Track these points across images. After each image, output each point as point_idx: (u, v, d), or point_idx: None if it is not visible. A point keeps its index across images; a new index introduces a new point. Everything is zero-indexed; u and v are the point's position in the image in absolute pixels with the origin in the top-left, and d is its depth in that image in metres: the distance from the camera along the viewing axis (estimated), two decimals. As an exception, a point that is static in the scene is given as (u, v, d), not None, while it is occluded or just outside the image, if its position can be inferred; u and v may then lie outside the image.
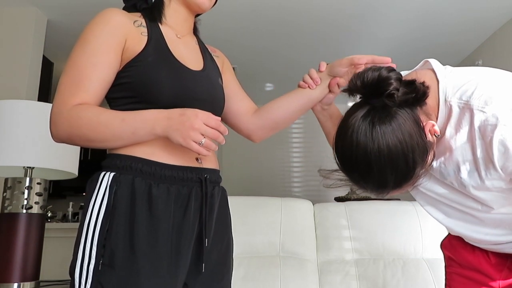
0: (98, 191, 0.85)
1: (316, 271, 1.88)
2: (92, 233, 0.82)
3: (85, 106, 0.84)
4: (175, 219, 0.87)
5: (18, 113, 1.70)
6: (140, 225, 0.83)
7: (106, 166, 0.89)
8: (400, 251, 1.90)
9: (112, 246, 0.81)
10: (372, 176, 0.77)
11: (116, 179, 0.85)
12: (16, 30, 2.94)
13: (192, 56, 1.01)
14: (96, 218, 0.83)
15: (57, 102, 0.86)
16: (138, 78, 0.89)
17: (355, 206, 2.06)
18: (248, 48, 3.75)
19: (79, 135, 0.84)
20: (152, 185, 0.86)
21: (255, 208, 1.99)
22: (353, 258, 1.90)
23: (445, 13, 3.05)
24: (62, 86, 0.86)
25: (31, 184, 1.74)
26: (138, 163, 0.87)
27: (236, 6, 2.98)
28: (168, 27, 0.99)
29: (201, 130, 0.81)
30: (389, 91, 0.76)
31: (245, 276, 1.79)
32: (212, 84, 1.02)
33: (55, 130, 0.86)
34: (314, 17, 3.20)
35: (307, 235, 1.96)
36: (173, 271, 0.85)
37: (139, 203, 0.84)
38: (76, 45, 0.89)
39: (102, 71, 0.87)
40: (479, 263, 1.00)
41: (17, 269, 1.66)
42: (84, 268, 0.81)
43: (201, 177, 0.92)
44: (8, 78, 2.85)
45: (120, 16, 0.91)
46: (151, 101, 0.88)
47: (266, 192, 5.12)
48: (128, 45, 0.90)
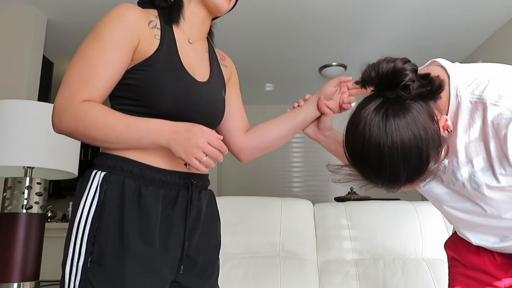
0: (89, 189, 0.86)
1: (316, 271, 1.88)
2: (82, 230, 0.83)
3: (93, 105, 0.85)
4: (163, 219, 0.88)
5: (18, 113, 1.70)
6: (130, 223, 0.84)
7: (98, 164, 0.90)
8: (400, 251, 1.90)
9: (101, 244, 0.82)
10: (384, 171, 0.74)
11: (107, 179, 0.86)
12: (16, 30, 2.94)
13: (200, 65, 1.01)
14: (86, 216, 0.84)
15: (63, 94, 0.85)
16: (143, 83, 0.89)
17: (355, 206, 2.06)
18: (248, 48, 3.75)
19: (83, 133, 0.84)
20: (141, 186, 0.87)
21: (255, 208, 1.99)
22: (353, 258, 1.90)
23: (445, 13, 3.05)
24: (71, 79, 0.86)
25: (31, 184, 1.74)
26: (129, 164, 0.88)
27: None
28: (182, 30, 0.98)
29: (204, 148, 0.83)
30: (405, 82, 0.74)
31: (245, 276, 1.79)
32: (215, 97, 1.02)
33: (58, 123, 0.85)
34: (314, 18, 3.20)
35: (307, 235, 1.96)
36: (161, 269, 0.87)
37: (129, 202, 0.85)
38: (88, 38, 0.88)
39: (113, 70, 0.87)
40: (484, 264, 1.00)
41: (17, 269, 1.66)
42: (74, 264, 0.82)
43: (188, 182, 0.94)
44: (8, 78, 2.85)
45: (137, 14, 0.90)
46: (152, 107, 0.89)
47: (266, 192, 5.12)
48: (140, 46, 0.89)
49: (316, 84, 4.65)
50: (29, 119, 1.70)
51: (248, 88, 4.84)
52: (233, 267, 1.83)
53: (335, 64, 4.11)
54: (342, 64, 4.13)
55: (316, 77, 4.45)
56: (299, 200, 2.07)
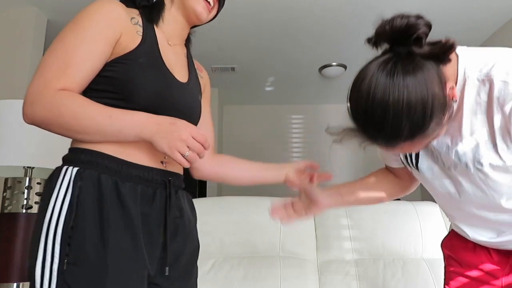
0: (60, 186, 0.81)
1: (316, 271, 1.88)
2: (54, 230, 0.78)
3: (70, 93, 0.81)
4: (143, 218, 0.85)
5: (18, 113, 1.70)
6: (111, 222, 0.80)
7: (68, 160, 0.86)
8: (400, 251, 1.90)
9: (79, 244, 0.77)
10: (386, 123, 0.72)
11: (80, 174, 0.82)
12: (16, 30, 2.94)
13: (180, 67, 1.01)
14: (58, 215, 0.79)
15: (38, 81, 0.81)
16: (124, 76, 0.86)
17: (355, 206, 2.05)
18: (248, 48, 3.75)
19: (59, 123, 0.81)
20: (118, 183, 0.83)
21: (255, 208, 1.99)
22: (353, 258, 1.90)
23: (445, 13, 3.05)
24: (48, 66, 0.82)
25: (31, 184, 1.74)
26: (105, 159, 0.84)
27: (236, 6, 2.98)
28: (162, 32, 0.98)
29: (188, 142, 0.81)
30: (417, 35, 0.75)
31: (245, 276, 1.79)
32: (194, 98, 1.02)
33: (31, 111, 0.81)
34: (314, 18, 3.20)
35: (307, 235, 1.96)
36: (143, 270, 0.84)
37: (108, 199, 0.81)
38: (68, 26, 0.85)
39: (92, 61, 0.84)
40: (481, 262, 1.00)
41: (17, 269, 1.66)
42: (46, 268, 0.77)
43: (165, 180, 0.91)
44: (8, 78, 2.85)
45: (120, 9, 0.89)
46: (131, 100, 0.86)
47: (266, 192, 5.12)
48: (122, 40, 0.88)
49: (316, 84, 4.65)
50: (29, 119, 1.70)
51: (248, 88, 4.84)
52: (233, 267, 1.83)
53: (335, 64, 4.11)
54: (342, 64, 4.13)
55: (316, 77, 4.45)
56: (299, 200, 2.07)
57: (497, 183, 0.83)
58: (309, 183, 1.15)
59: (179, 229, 0.93)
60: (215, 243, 1.90)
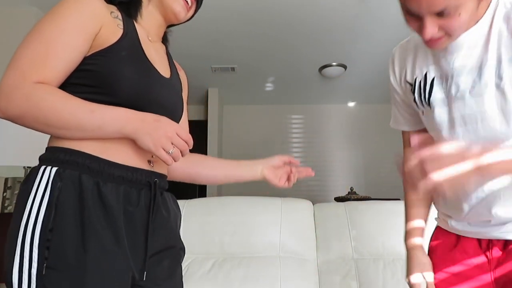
0: (37, 187, 0.77)
1: (316, 271, 1.88)
2: (31, 233, 0.74)
3: (49, 87, 0.78)
4: (126, 219, 0.82)
5: (18, 113, 1.70)
6: (93, 224, 0.76)
7: (46, 159, 0.83)
8: (400, 251, 1.90)
9: (59, 247, 0.74)
10: None
11: (60, 174, 0.78)
12: (16, 30, 2.94)
13: (161, 63, 1.00)
14: (35, 216, 0.75)
15: (13, 74, 0.77)
16: (106, 69, 0.83)
17: (355, 206, 2.06)
18: (248, 49, 3.75)
19: (37, 116, 0.77)
20: (100, 183, 0.80)
21: (255, 208, 1.99)
22: (353, 258, 1.90)
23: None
24: (24, 57, 0.78)
25: (31, 184, 1.74)
26: (86, 159, 0.81)
27: (236, 7, 2.98)
28: (142, 27, 0.97)
29: (173, 139, 0.80)
30: None
31: (245, 276, 1.79)
32: (177, 94, 1.01)
33: (6, 105, 0.76)
34: (315, 18, 3.20)
35: (307, 235, 1.96)
36: (127, 272, 0.81)
37: (89, 201, 0.77)
38: (45, 17, 0.82)
39: (71, 52, 0.81)
40: (465, 256, 1.00)
41: (17, 269, 1.66)
42: (24, 272, 0.73)
43: (150, 181, 0.88)
44: (8, 78, 2.85)
45: (99, 2, 0.87)
46: (113, 95, 0.83)
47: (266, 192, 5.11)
48: (102, 33, 0.85)
49: (316, 84, 4.65)
50: (29, 119, 1.70)
51: (248, 88, 4.84)
52: (233, 267, 1.83)
53: (335, 64, 4.11)
54: (342, 64, 4.13)
55: (316, 77, 4.45)
56: (299, 200, 2.07)
57: (494, 118, 0.85)
58: (287, 181, 1.18)
59: (164, 229, 0.91)
60: (215, 243, 1.90)
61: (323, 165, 5.29)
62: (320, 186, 5.23)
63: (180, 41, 3.11)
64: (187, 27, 1.29)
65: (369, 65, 4.15)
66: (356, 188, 4.73)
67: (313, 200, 2.14)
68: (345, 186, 5.00)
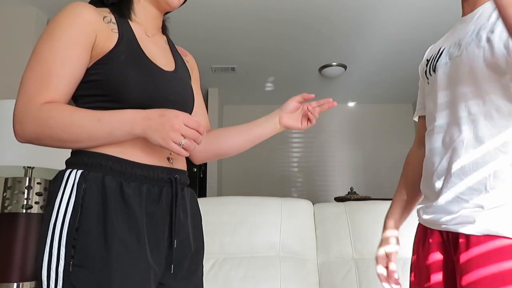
0: (64, 189, 0.81)
1: (316, 271, 1.88)
2: (60, 232, 0.78)
3: (55, 105, 0.81)
4: (148, 218, 0.85)
5: (18, 113, 1.70)
6: (115, 223, 0.80)
7: (72, 163, 0.86)
8: (400, 251, 1.90)
9: (84, 246, 0.78)
10: None
11: (85, 177, 0.81)
12: (16, 30, 2.94)
13: (163, 56, 1.00)
14: (63, 217, 0.79)
15: (22, 99, 0.82)
16: (109, 77, 0.86)
17: (355, 206, 2.06)
18: (248, 48, 3.75)
19: (50, 135, 0.80)
20: (123, 183, 0.83)
21: (255, 208, 1.99)
22: (353, 258, 1.90)
23: (445, 13, 3.06)
24: (28, 82, 0.82)
25: (31, 184, 1.74)
26: (108, 160, 0.84)
27: (236, 6, 2.98)
28: (138, 24, 0.97)
29: (181, 131, 0.79)
30: None
31: (245, 276, 1.79)
32: (184, 85, 1.01)
33: (21, 130, 0.82)
34: (314, 18, 3.20)
35: (307, 235, 1.96)
36: (149, 270, 0.83)
37: (112, 201, 0.81)
38: (41, 38, 0.85)
39: (71, 67, 0.83)
40: (431, 251, 0.99)
41: (17, 269, 1.66)
42: (52, 269, 0.77)
43: (172, 177, 0.90)
44: (8, 78, 2.85)
45: (89, 10, 0.88)
46: (121, 100, 0.86)
47: (266, 192, 5.13)
48: (98, 42, 0.87)
49: (316, 84, 4.65)
50: (29, 119, 1.70)
51: (248, 88, 4.84)
52: (233, 267, 1.83)
53: (335, 64, 4.11)
54: (342, 64, 4.13)
55: (316, 77, 4.45)
56: (299, 200, 2.07)
57: (477, 79, 0.86)
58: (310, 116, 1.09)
59: (183, 229, 0.93)
60: (215, 243, 1.90)
61: (323, 165, 5.29)
62: (320, 186, 5.23)
63: (180, 41, 3.11)
64: (187, 27, 1.28)
65: (369, 65, 4.15)
66: (356, 188, 4.73)
67: (313, 200, 2.14)
68: (345, 186, 5.00)
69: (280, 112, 1.10)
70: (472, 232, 0.84)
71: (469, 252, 0.83)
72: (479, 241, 0.82)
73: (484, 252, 0.81)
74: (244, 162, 5.08)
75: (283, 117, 1.09)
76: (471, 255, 0.83)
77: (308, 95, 1.08)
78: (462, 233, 0.86)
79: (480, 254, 0.81)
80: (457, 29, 1.01)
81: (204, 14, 3.07)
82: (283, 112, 1.10)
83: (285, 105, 1.10)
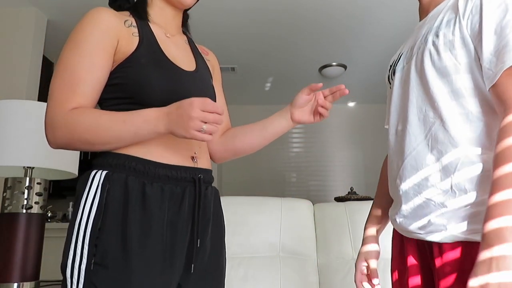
0: (89, 189, 0.84)
1: (316, 271, 1.88)
2: (84, 231, 0.81)
3: (82, 110, 0.84)
4: (169, 218, 0.86)
5: (18, 113, 1.70)
6: (133, 224, 0.82)
7: (98, 164, 0.88)
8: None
9: (105, 246, 0.80)
10: None
11: (109, 178, 0.84)
12: (16, 30, 2.94)
13: (184, 56, 1.01)
14: (87, 216, 0.82)
15: (52, 107, 0.84)
16: (131, 80, 0.88)
17: (355, 206, 2.05)
18: (248, 48, 3.75)
19: (80, 139, 0.83)
20: (145, 184, 0.85)
21: (255, 208, 1.99)
22: (353, 258, 1.90)
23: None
24: (56, 90, 0.85)
25: (31, 184, 1.74)
26: (132, 161, 0.86)
27: (236, 6, 2.98)
28: (157, 26, 0.98)
29: (200, 117, 0.79)
30: None
31: (245, 276, 1.79)
32: (205, 85, 1.02)
33: (53, 136, 0.85)
34: (315, 17, 3.20)
35: (307, 235, 1.96)
36: (167, 271, 0.85)
37: (132, 202, 0.83)
38: (66, 46, 0.88)
39: (96, 73, 0.86)
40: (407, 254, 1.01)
41: (17, 269, 1.66)
42: (75, 267, 0.80)
43: (195, 177, 0.91)
44: (8, 78, 2.85)
45: (110, 15, 0.90)
46: (144, 102, 0.87)
47: (266, 192, 5.13)
48: (120, 46, 0.89)
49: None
50: (29, 119, 1.70)
51: (248, 88, 4.84)
52: (233, 267, 1.83)
53: (335, 64, 4.11)
54: (342, 64, 4.13)
55: (316, 77, 4.45)
56: (299, 200, 2.07)
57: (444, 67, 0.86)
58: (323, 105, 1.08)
59: (204, 229, 0.93)
60: (215, 243, 1.90)
61: (323, 165, 5.29)
62: (320, 186, 5.23)
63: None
64: (187, 27, 1.29)
65: (369, 65, 4.15)
66: (356, 188, 4.73)
67: (313, 200, 2.14)
68: (345, 186, 5.00)
69: (291, 107, 1.10)
70: (444, 240, 0.84)
71: (443, 257, 0.84)
72: (452, 247, 0.83)
73: (458, 258, 0.81)
74: (244, 162, 5.07)
75: (294, 113, 1.09)
76: (446, 259, 0.83)
77: (315, 85, 1.08)
78: (435, 241, 0.86)
79: (455, 259, 0.82)
80: (414, 33, 1.02)
81: (204, 14, 3.07)
82: (293, 107, 1.09)
83: (295, 100, 1.10)
